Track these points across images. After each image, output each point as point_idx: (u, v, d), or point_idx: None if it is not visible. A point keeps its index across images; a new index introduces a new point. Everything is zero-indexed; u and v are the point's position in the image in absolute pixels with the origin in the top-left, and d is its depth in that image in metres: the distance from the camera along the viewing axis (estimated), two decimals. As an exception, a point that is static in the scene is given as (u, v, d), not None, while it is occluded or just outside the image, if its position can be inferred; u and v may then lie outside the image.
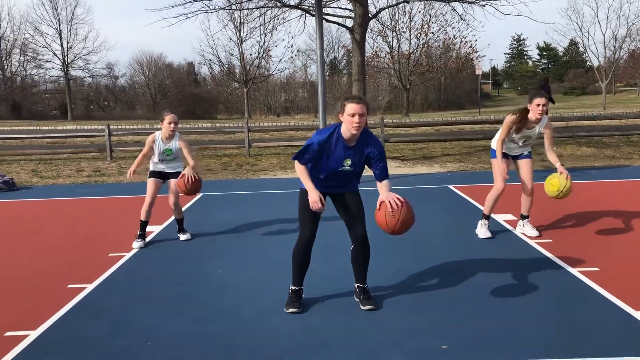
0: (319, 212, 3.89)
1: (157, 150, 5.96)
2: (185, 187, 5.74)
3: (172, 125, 5.89)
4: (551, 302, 4.07)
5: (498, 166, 5.74)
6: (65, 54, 48.62)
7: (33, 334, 3.74)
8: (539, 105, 5.37)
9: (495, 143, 5.80)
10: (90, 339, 3.66)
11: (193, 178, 5.74)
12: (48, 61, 50.42)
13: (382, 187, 3.85)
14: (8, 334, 3.76)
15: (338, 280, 4.58)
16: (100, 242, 6.19)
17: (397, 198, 3.70)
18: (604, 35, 49.80)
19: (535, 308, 3.96)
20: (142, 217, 6.00)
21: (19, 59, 51.12)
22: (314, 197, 3.78)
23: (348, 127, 3.72)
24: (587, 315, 3.80)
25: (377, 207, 3.77)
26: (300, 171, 3.89)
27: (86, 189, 10.29)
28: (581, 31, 45.91)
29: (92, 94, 58.68)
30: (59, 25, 48.32)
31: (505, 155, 5.80)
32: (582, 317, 3.77)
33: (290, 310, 3.98)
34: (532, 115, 5.46)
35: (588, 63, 59.44)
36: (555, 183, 5.37)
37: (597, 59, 41.42)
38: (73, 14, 49.47)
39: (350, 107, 3.68)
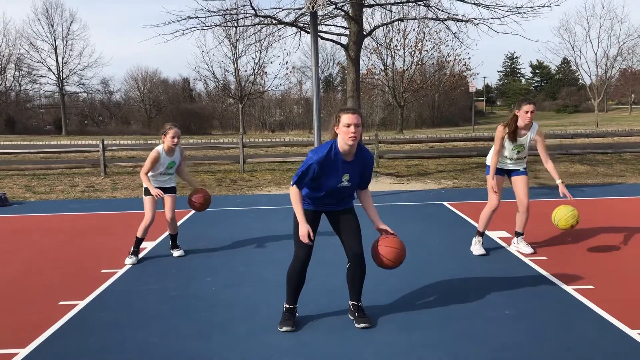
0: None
1: (161, 165, 5.92)
2: (199, 203, 6.02)
3: (175, 140, 5.87)
4: (546, 319, 4.05)
5: (490, 183, 5.77)
6: (61, 69, 48.71)
7: (22, 352, 3.69)
8: (527, 112, 5.51)
9: (489, 159, 5.84)
10: (80, 357, 3.61)
11: (201, 195, 6.02)
12: (43, 76, 50.51)
13: (370, 209, 3.98)
14: (-3, 351, 3.70)
15: (333, 297, 4.55)
16: (93, 258, 6.14)
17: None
18: (595, 54, 50.26)
19: (530, 326, 3.94)
20: (139, 235, 5.95)
21: (14, 74, 51.13)
22: (303, 231, 3.77)
23: (344, 138, 3.71)
24: (582, 334, 3.79)
25: (383, 238, 3.85)
26: (294, 197, 3.85)
27: (79, 205, 10.23)
28: (573, 50, 46.36)
29: (86, 109, 58.69)
30: (55, 40, 48.48)
31: (500, 172, 5.83)
32: (576, 335, 3.76)
33: (284, 328, 3.95)
34: (521, 122, 5.59)
35: (580, 81, 59.93)
36: (563, 222, 5.52)
37: (589, 77, 41.70)
38: (69, 30, 49.59)
39: (346, 118, 3.69)
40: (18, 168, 15.14)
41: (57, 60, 48.55)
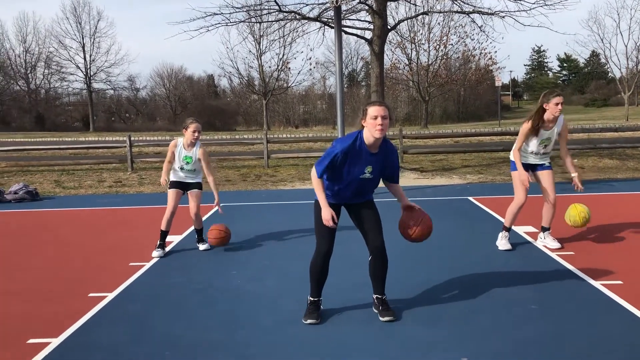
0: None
1: (177, 156, 6.01)
2: (217, 239, 6.00)
3: (196, 134, 5.94)
4: (573, 315, 4.00)
5: (518, 178, 5.69)
6: (88, 66, 49.54)
7: (55, 342, 3.78)
8: (557, 104, 5.42)
9: (513, 155, 5.75)
10: (110, 347, 3.69)
11: (221, 232, 6.03)
12: (71, 74, 51.45)
13: (399, 191, 4.06)
14: (30, 341, 3.81)
15: (357, 291, 4.56)
16: (120, 252, 6.25)
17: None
18: (626, 47, 49.08)
19: (557, 321, 3.90)
20: (163, 227, 6.05)
21: (44, 71, 52.25)
22: (326, 214, 3.79)
23: (371, 130, 3.71)
24: (610, 329, 3.73)
25: (419, 213, 3.99)
26: (316, 184, 3.89)
27: (107, 199, 10.41)
28: (602, 42, 45.37)
29: (113, 105, 59.59)
30: (83, 38, 49.33)
31: (525, 167, 5.74)
32: (605, 331, 3.71)
33: (309, 321, 3.97)
34: (549, 115, 5.49)
35: (610, 74, 58.74)
36: (575, 219, 5.59)
37: (619, 70, 40.83)
38: (96, 28, 50.40)
39: (373, 110, 3.70)
40: (48, 164, 15.47)
41: (84, 58, 49.43)
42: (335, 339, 3.73)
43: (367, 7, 12.99)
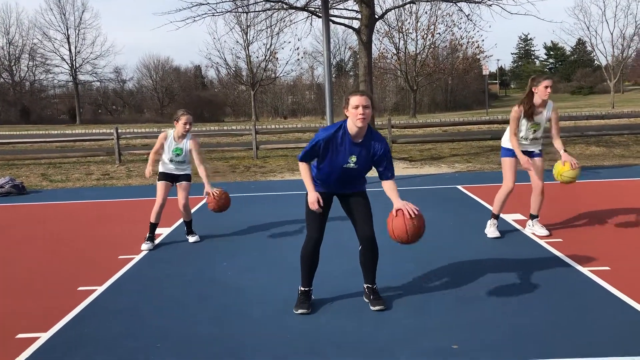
0: (322, 213, 3.90)
1: (167, 148, 5.97)
2: (217, 204, 5.89)
3: (187, 126, 5.90)
4: (562, 301, 4.04)
5: (509, 165, 5.71)
6: (74, 58, 49.02)
7: (44, 336, 3.76)
8: (547, 87, 5.45)
9: (506, 141, 5.77)
10: (100, 341, 3.67)
11: (217, 194, 5.87)
12: (56, 66, 50.88)
13: (391, 191, 3.83)
14: (19, 336, 3.78)
15: (347, 280, 4.57)
16: (109, 245, 6.21)
17: (414, 207, 3.73)
18: (611, 34, 49.44)
19: (546, 307, 3.94)
20: (152, 220, 6.01)
21: (28, 64, 51.61)
22: (312, 197, 3.81)
23: (353, 120, 3.72)
24: (598, 314, 3.78)
25: (394, 214, 3.74)
26: (303, 171, 3.92)
27: (95, 192, 10.33)
28: (589, 30, 45.69)
29: (100, 98, 59.04)
30: (67, 30, 48.75)
31: (515, 154, 5.75)
32: (593, 316, 3.75)
33: (300, 311, 3.98)
34: (537, 99, 5.53)
35: (596, 62, 59.11)
36: (558, 170, 5.60)
37: (605, 58, 41.16)
38: (81, 19, 50.11)
39: (354, 100, 3.71)
40: (34, 157, 15.31)
41: (70, 50, 48.88)
42: (326, 328, 3.74)
43: (354, -4, 12.94)
